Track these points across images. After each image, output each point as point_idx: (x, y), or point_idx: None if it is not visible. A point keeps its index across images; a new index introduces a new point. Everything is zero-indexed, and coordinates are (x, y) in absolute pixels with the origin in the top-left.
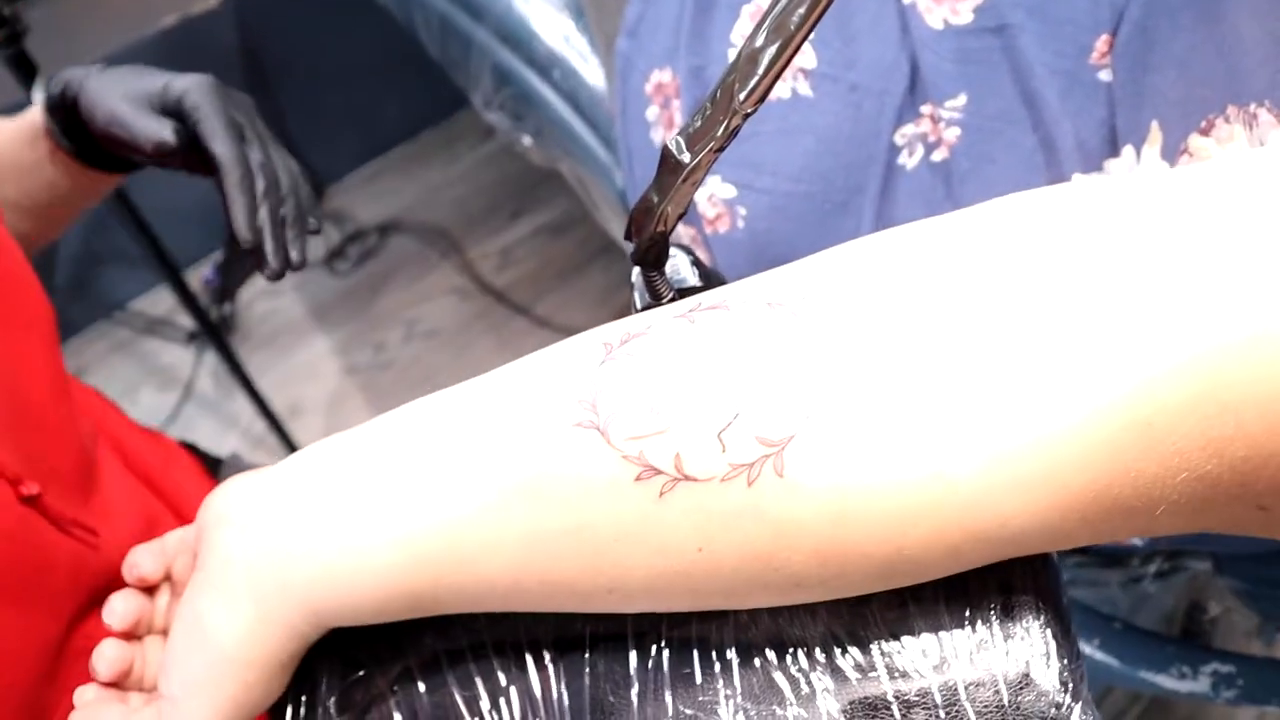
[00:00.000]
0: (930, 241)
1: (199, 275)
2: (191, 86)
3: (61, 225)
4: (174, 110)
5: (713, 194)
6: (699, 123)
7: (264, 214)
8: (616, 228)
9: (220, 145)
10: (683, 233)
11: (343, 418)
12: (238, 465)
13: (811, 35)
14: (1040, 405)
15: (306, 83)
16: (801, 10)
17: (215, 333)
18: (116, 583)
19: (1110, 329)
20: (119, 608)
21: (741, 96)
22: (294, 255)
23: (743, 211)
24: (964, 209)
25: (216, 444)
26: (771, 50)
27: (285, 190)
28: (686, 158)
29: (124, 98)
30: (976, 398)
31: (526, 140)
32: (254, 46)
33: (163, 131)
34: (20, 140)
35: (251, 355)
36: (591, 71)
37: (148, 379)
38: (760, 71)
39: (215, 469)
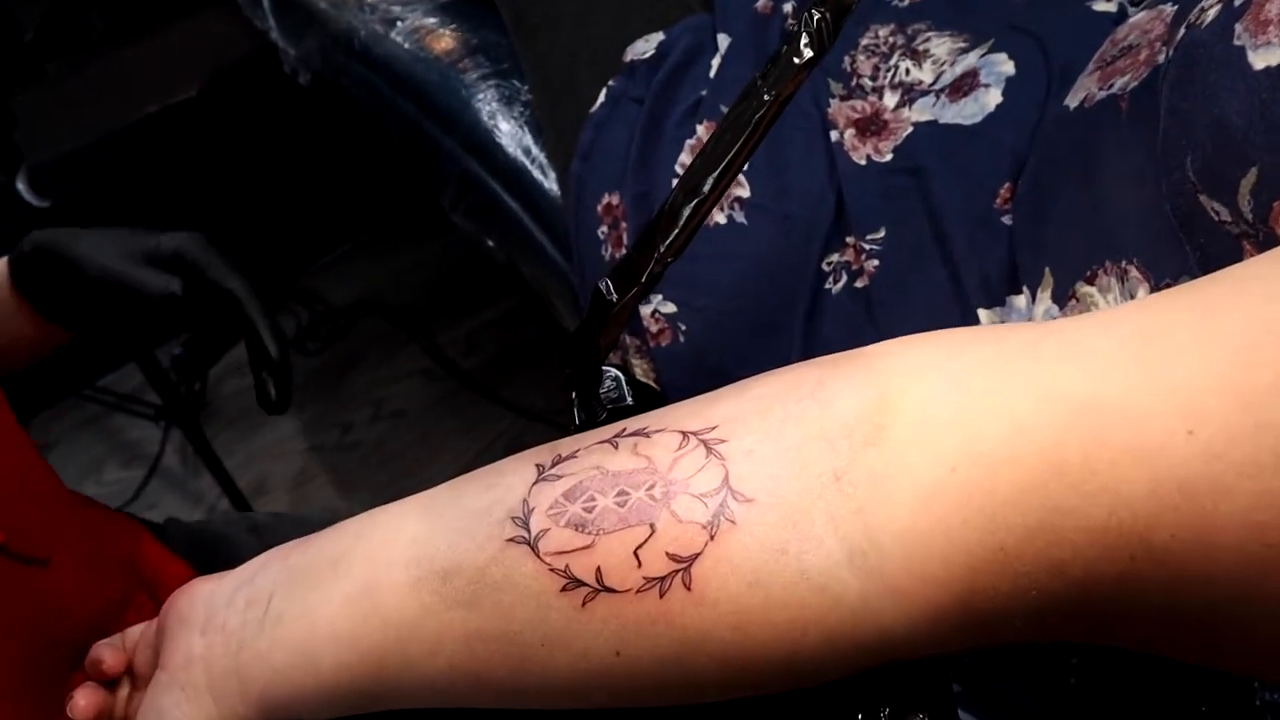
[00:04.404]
0: (807, 384)
1: (169, 352)
2: (185, 242)
3: (9, 368)
4: (168, 264)
5: (656, 310)
6: (626, 267)
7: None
8: (570, 323)
9: (234, 282)
10: (629, 342)
11: (307, 496)
12: (178, 527)
13: (745, 167)
14: (908, 539)
15: (281, 168)
16: (714, 175)
17: (183, 410)
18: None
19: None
20: (81, 700)
21: (662, 249)
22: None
23: (683, 327)
24: (841, 355)
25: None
26: (687, 210)
27: None
28: (614, 298)
29: (121, 256)
30: (858, 524)
31: (490, 243)
32: (231, 134)
33: (170, 284)
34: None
35: (219, 433)
36: (550, 183)
37: (114, 454)
38: (679, 227)
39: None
